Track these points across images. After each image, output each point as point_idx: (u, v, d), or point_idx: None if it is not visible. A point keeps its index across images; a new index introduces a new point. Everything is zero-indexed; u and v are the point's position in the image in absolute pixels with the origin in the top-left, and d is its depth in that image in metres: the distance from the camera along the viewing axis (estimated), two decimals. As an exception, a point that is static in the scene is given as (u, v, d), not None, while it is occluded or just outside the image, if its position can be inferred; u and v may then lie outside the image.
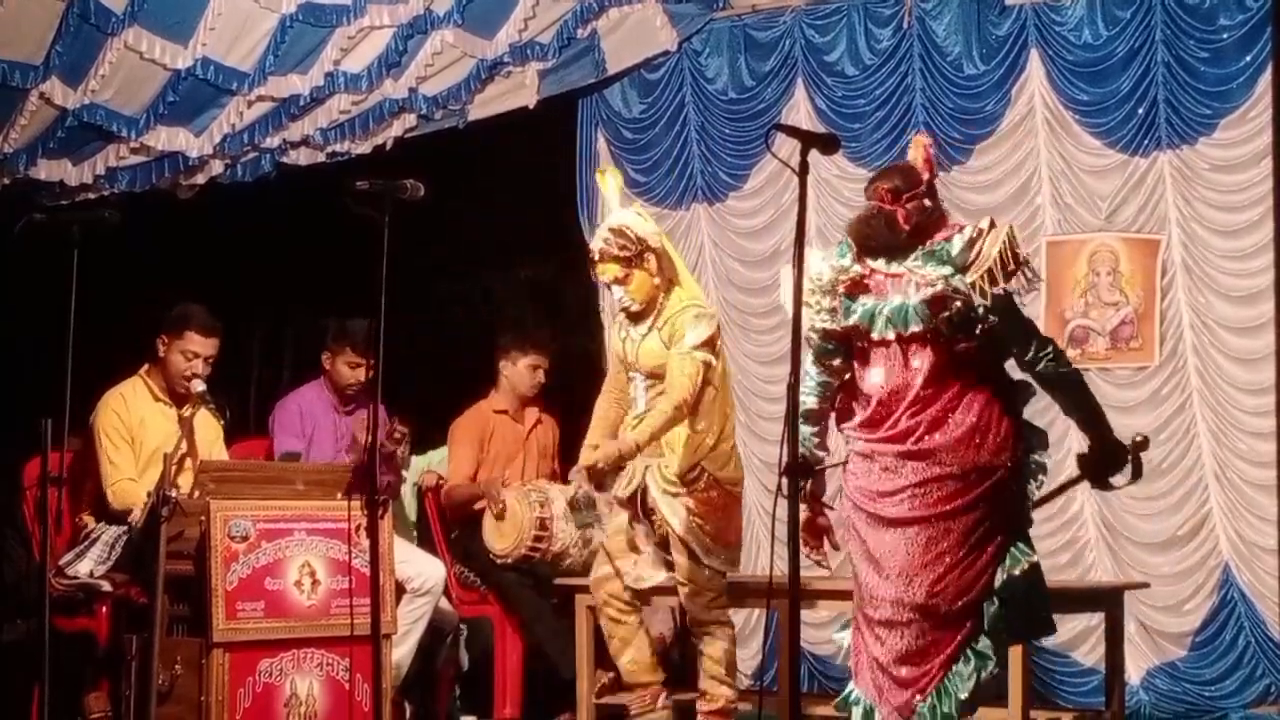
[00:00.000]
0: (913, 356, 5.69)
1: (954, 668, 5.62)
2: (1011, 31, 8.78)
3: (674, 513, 7.09)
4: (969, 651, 5.63)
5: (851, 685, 5.81)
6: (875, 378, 5.74)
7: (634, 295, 7.14)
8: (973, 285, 5.59)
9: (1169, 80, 8.40)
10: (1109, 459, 5.88)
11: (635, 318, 7.20)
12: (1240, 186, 8.31)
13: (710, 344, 7.11)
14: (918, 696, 5.61)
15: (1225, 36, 8.34)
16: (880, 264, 5.76)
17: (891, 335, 5.69)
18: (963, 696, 5.60)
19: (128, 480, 7.36)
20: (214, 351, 7.54)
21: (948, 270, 5.63)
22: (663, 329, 7.11)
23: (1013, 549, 5.69)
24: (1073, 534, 8.59)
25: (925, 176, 5.80)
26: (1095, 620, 8.23)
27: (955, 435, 5.65)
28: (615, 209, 7.32)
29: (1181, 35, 8.39)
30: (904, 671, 5.64)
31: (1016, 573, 5.67)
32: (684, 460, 7.06)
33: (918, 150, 5.91)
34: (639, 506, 7.24)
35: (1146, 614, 8.38)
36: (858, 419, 5.80)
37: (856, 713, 5.78)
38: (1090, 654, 8.45)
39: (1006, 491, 5.71)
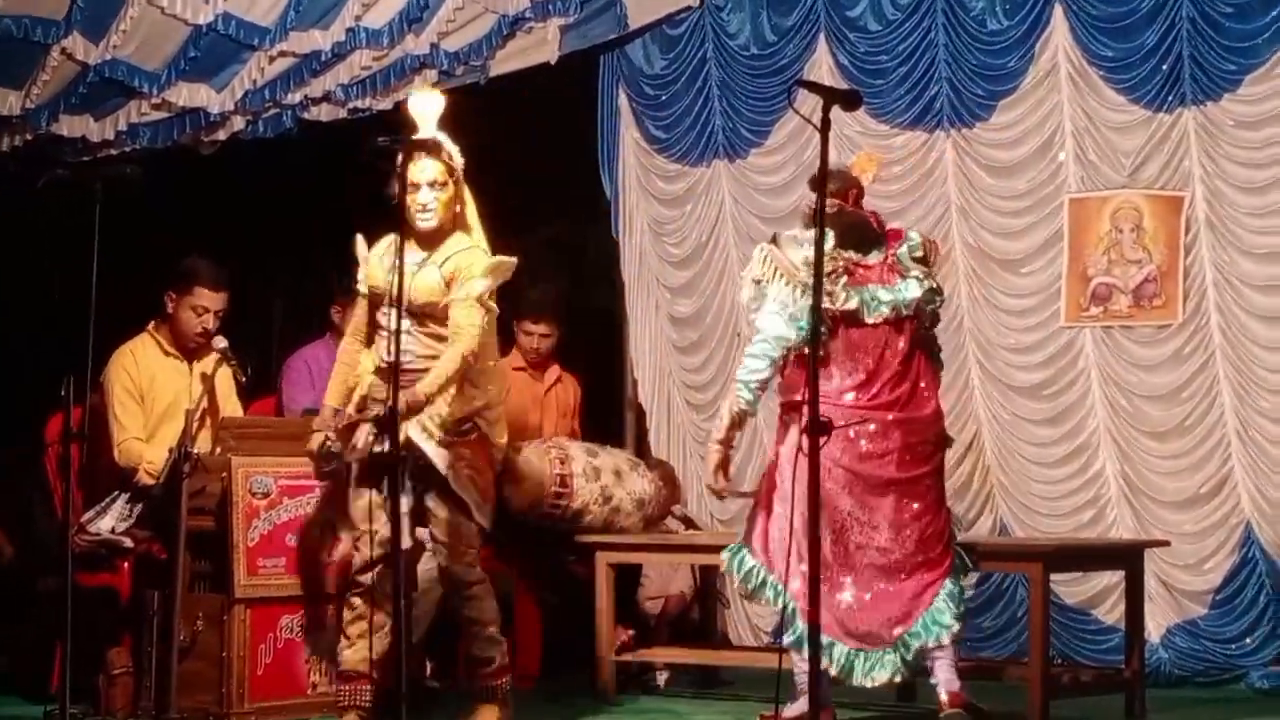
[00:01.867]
0: (894, 338, 6.58)
1: (934, 604, 6.50)
2: (1035, -14, 8.75)
3: (446, 463, 6.37)
4: (944, 592, 6.53)
5: (802, 625, 6.41)
6: (862, 357, 6.57)
7: (439, 208, 6.46)
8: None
9: (1193, 36, 8.35)
10: None
11: (424, 241, 6.47)
12: (1265, 143, 8.27)
13: (493, 297, 6.58)
14: (899, 628, 6.49)
15: (1250, -8, 8.30)
16: (851, 254, 6.60)
17: (880, 319, 6.57)
18: (947, 622, 6.50)
19: (134, 439, 7.37)
20: (224, 305, 7.51)
21: (923, 269, 6.62)
22: (443, 265, 6.45)
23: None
24: (1094, 492, 8.58)
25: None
26: (1115, 578, 8.23)
27: (929, 409, 6.67)
28: (431, 132, 6.53)
29: (1207, -10, 8.36)
30: (886, 611, 6.50)
31: (957, 529, 6.86)
32: (455, 410, 6.37)
33: (873, 166, 6.98)
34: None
35: (1167, 572, 8.37)
36: (837, 392, 6.53)
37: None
38: (1110, 612, 8.45)
39: (944, 456, 6.80)
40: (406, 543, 6.29)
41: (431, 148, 6.37)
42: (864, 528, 6.51)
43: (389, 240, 6.51)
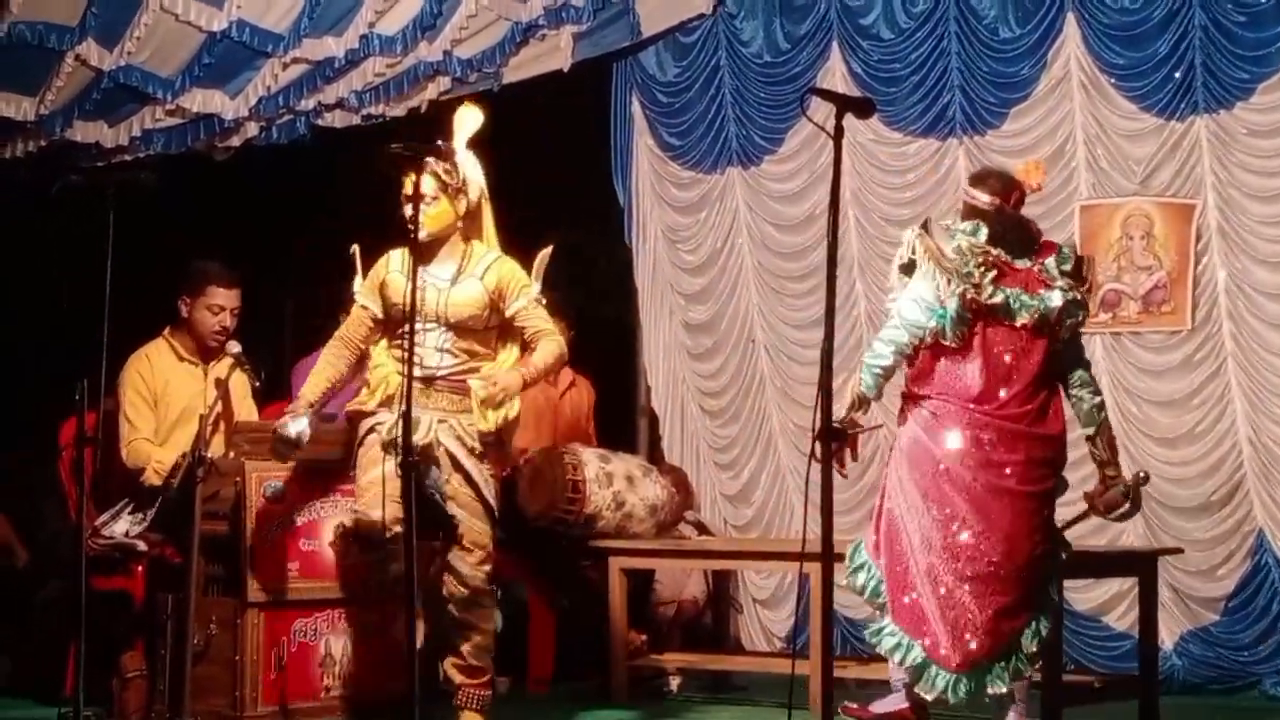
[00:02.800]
0: (1031, 347, 6.32)
1: (1027, 630, 6.24)
2: (1048, -6, 8.76)
3: (480, 475, 6.49)
4: (1030, 628, 6.26)
5: (889, 621, 6.26)
6: (999, 358, 6.31)
7: (431, 221, 6.41)
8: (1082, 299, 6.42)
9: (1206, 44, 8.36)
10: (1121, 499, 6.57)
11: (425, 255, 6.38)
12: (1277, 151, 8.27)
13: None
14: (981, 654, 6.17)
15: (1264, 0, 8.28)
16: (1001, 254, 6.32)
17: (1021, 324, 6.30)
18: (1033, 650, 6.26)
19: (143, 440, 7.37)
20: (238, 303, 7.52)
21: (1069, 281, 6.38)
22: (484, 277, 6.50)
23: (1062, 535, 6.49)
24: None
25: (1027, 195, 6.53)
26: (1127, 585, 8.23)
27: (1056, 428, 6.37)
28: (461, 145, 6.64)
29: (1219, -1, 8.37)
30: (981, 624, 6.17)
31: (1063, 557, 6.46)
32: (493, 422, 6.47)
33: (1039, 174, 6.55)
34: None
35: (1179, 579, 8.37)
36: (968, 390, 6.30)
37: (888, 644, 6.28)
38: (1122, 619, 8.45)
39: (1062, 484, 6.45)
40: None
41: (445, 154, 6.38)
42: (977, 537, 6.22)
43: (402, 254, 6.53)
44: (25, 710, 7.59)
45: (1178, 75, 8.43)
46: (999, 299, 6.27)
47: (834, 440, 5.13)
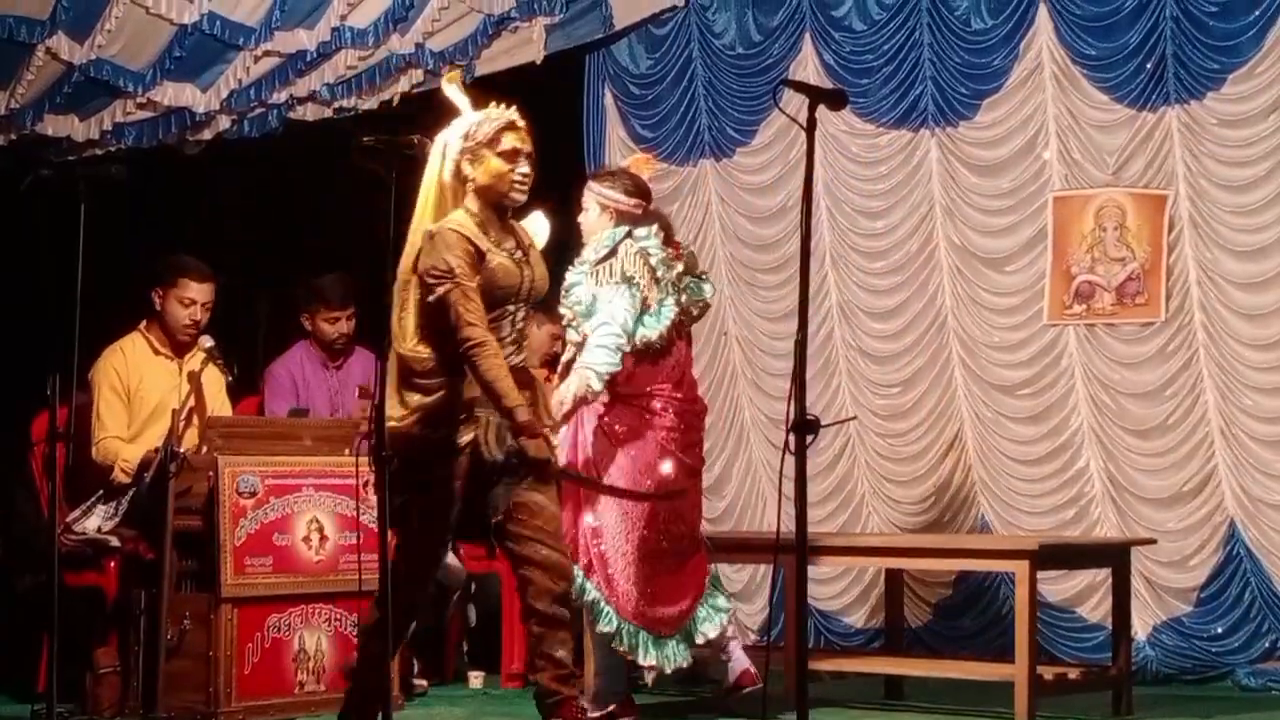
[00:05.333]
0: (685, 333, 6.89)
1: (708, 587, 6.90)
2: (1020, -15, 8.77)
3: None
4: (711, 576, 6.97)
5: (616, 619, 6.68)
6: (679, 349, 6.81)
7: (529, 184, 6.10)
8: None
9: (1177, 34, 8.37)
10: None
11: (500, 218, 6.05)
12: (1248, 141, 8.29)
13: None
14: (688, 612, 6.77)
15: (1235, -10, 8.32)
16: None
17: (696, 314, 6.98)
18: (723, 605, 6.94)
19: (113, 438, 7.37)
20: (211, 297, 7.54)
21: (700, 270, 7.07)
22: (538, 249, 6.24)
23: None
24: (1078, 489, 8.59)
25: None
26: (1100, 576, 8.25)
27: (704, 403, 7.04)
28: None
29: (1191, -12, 8.38)
30: (679, 596, 6.74)
31: None
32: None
33: (649, 168, 7.14)
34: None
35: (1152, 570, 8.38)
36: (668, 383, 6.75)
37: (606, 628, 6.68)
38: (1095, 610, 8.47)
39: None
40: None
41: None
42: (678, 519, 6.75)
43: (475, 228, 5.87)
44: (0, 706, 7.58)
45: (1149, 66, 8.44)
46: (687, 295, 6.80)
47: (807, 433, 5.13)
